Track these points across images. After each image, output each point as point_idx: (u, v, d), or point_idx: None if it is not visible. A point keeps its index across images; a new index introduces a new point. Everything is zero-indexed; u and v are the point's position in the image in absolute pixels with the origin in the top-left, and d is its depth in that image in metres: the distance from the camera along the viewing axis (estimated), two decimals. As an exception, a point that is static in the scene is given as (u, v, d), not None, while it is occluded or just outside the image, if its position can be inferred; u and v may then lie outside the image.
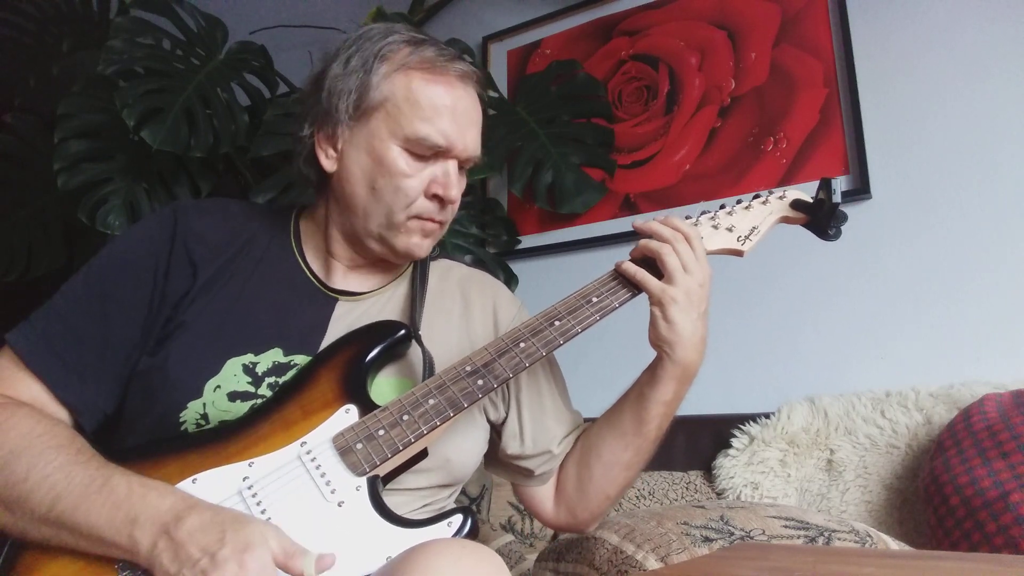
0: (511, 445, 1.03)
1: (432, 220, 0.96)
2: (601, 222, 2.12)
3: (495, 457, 1.06)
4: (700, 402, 1.90)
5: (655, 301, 0.92)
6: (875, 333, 1.75)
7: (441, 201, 0.95)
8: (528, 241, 2.22)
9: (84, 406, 0.88)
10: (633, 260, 0.96)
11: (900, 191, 1.79)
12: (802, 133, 1.91)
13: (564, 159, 2.10)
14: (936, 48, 1.81)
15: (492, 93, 2.11)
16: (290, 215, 1.05)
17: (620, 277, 0.96)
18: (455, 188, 0.95)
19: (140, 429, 0.89)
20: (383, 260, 1.00)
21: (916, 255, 1.74)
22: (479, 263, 2.08)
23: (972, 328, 1.66)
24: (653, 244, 0.94)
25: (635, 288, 0.95)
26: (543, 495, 1.06)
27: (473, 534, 0.81)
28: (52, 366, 0.88)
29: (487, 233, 2.18)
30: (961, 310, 1.67)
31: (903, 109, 1.82)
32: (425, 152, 0.92)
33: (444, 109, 0.92)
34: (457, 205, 0.99)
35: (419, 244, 0.97)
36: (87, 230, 1.77)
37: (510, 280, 2.09)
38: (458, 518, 0.81)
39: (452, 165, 0.95)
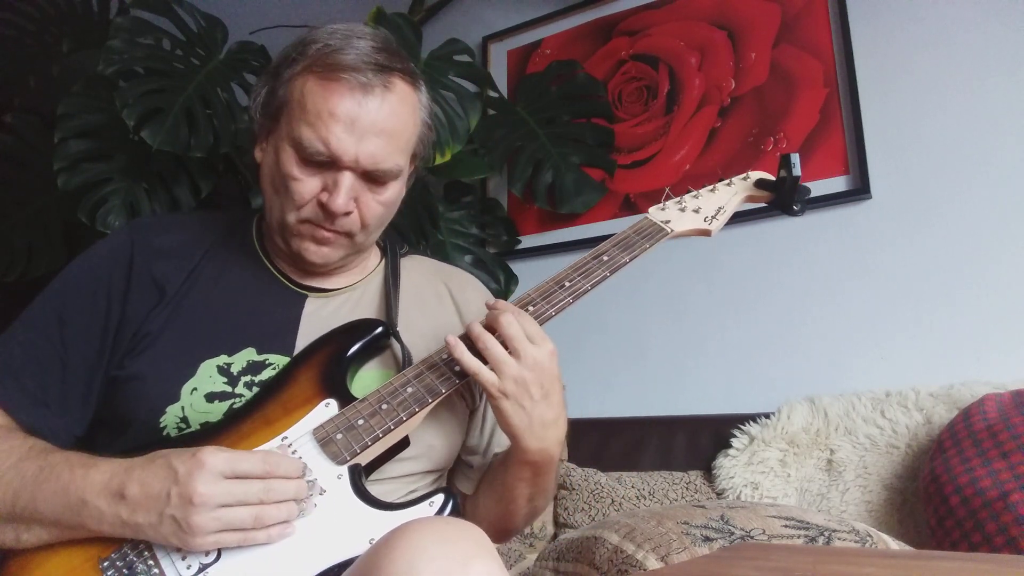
0: (472, 435, 1.05)
1: (323, 228, 0.91)
2: (601, 222, 2.12)
3: None
4: (700, 402, 1.91)
5: (486, 394, 0.86)
6: (875, 333, 1.75)
7: (327, 211, 0.89)
8: (528, 241, 2.22)
9: (52, 433, 0.88)
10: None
11: (900, 191, 1.79)
12: (802, 133, 1.91)
13: (564, 159, 2.09)
14: (936, 48, 1.81)
15: (492, 93, 2.11)
16: (252, 217, 1.05)
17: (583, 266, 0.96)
18: (340, 199, 0.87)
19: (122, 438, 0.89)
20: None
21: (916, 255, 1.74)
22: (479, 263, 2.08)
23: (972, 328, 1.66)
24: (475, 331, 0.86)
25: (609, 270, 0.95)
26: (462, 485, 1.07)
27: (455, 513, 0.82)
28: (15, 395, 0.88)
29: (487, 233, 2.18)
30: (961, 310, 1.67)
31: (903, 109, 1.82)
32: (310, 157, 0.87)
33: (330, 117, 0.86)
34: (369, 216, 0.92)
35: (312, 250, 0.93)
36: (87, 230, 1.77)
37: (510, 280, 2.09)
38: (440, 497, 0.82)
39: (344, 176, 0.88)
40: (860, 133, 1.83)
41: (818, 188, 1.84)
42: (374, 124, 0.88)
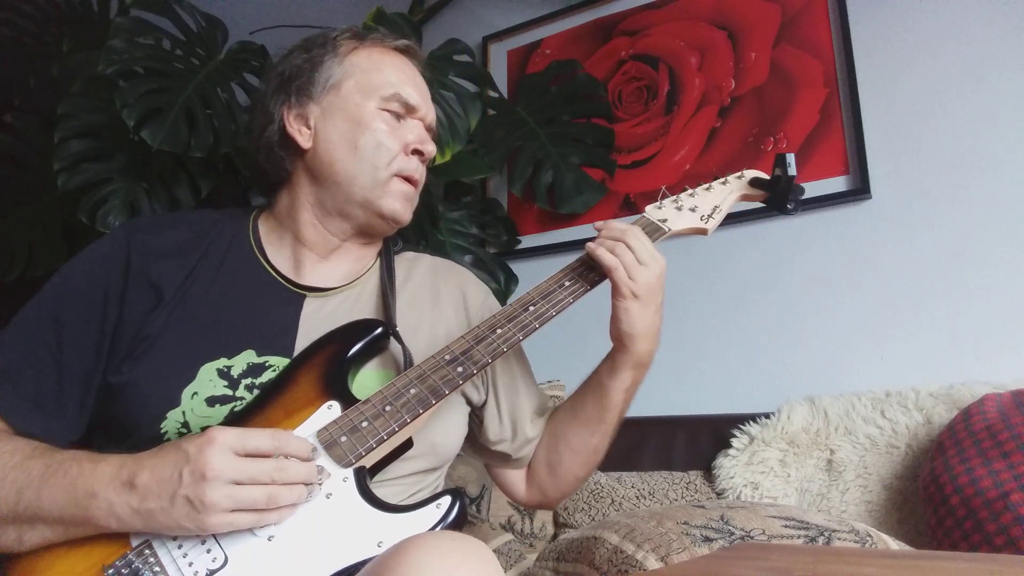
0: (491, 428, 1.06)
1: (411, 180, 1.01)
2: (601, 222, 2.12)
3: (477, 442, 1.10)
4: (700, 402, 1.91)
5: (617, 293, 0.95)
6: (875, 333, 1.75)
7: (420, 155, 1.02)
8: (528, 241, 2.22)
9: (48, 436, 0.87)
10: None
11: (900, 191, 1.79)
12: (802, 133, 1.91)
13: (564, 159, 2.10)
14: (936, 48, 1.81)
15: (492, 93, 2.11)
16: (247, 217, 1.05)
17: (588, 262, 1.00)
18: (429, 143, 1.03)
19: (123, 444, 0.88)
20: (359, 237, 1.03)
21: (916, 255, 1.74)
22: (479, 263, 2.08)
23: (972, 328, 1.66)
24: (607, 242, 0.98)
25: (603, 273, 0.98)
26: (516, 477, 1.12)
27: (462, 514, 0.81)
28: (11, 400, 0.87)
29: (487, 233, 2.18)
30: (961, 310, 1.67)
31: (903, 109, 1.82)
32: (399, 110, 1.00)
33: (404, 76, 1.03)
34: (424, 172, 1.06)
35: (403, 208, 1.02)
36: (87, 230, 1.77)
37: (510, 280, 2.09)
38: (446, 500, 0.81)
39: (419, 123, 1.03)
40: (860, 133, 1.83)
41: (818, 188, 1.84)
42: (424, 85, 1.07)
